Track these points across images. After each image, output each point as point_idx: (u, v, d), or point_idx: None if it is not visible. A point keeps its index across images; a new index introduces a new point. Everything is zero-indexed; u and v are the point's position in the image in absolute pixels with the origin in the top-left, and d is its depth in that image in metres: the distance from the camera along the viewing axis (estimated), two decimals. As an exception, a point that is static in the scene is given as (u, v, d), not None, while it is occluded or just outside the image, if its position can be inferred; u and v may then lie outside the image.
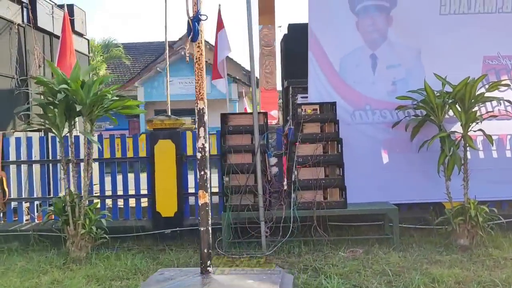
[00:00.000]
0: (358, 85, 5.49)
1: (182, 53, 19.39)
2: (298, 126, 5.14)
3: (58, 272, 4.52)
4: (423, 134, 5.35)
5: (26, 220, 5.94)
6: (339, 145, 5.13)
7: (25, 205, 5.96)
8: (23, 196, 5.91)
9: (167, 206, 5.69)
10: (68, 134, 5.16)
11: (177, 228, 5.69)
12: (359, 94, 5.46)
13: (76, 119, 7.11)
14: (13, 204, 5.92)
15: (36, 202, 6.00)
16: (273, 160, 5.21)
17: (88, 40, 8.71)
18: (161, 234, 5.68)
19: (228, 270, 3.94)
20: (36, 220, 5.92)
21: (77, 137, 5.91)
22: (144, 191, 5.92)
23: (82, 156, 5.79)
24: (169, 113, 7.87)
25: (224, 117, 5.28)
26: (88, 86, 4.90)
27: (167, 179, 5.66)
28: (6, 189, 5.83)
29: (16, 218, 5.94)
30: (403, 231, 5.55)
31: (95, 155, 5.90)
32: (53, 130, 5.01)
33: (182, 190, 5.73)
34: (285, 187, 5.18)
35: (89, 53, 8.76)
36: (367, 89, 5.48)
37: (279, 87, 7.67)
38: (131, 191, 5.96)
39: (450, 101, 5.07)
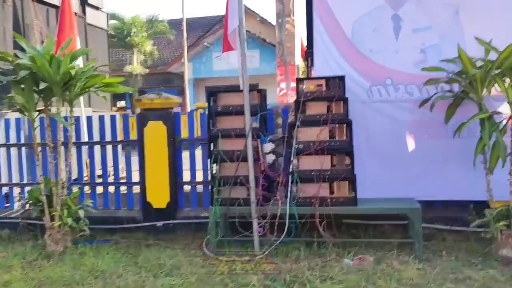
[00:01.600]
0: (377, 55, 4.44)
1: (230, 27, 18.59)
2: (299, 106, 4.26)
3: (21, 270, 4.08)
4: (461, 115, 4.27)
5: (19, 206, 5.61)
6: (349, 129, 4.18)
7: (16, 190, 5.62)
8: (14, 181, 5.56)
9: (158, 196, 5.08)
10: (44, 116, 4.66)
11: (170, 221, 5.08)
12: (378, 66, 4.43)
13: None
14: (5, 189, 5.60)
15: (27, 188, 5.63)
16: (269, 146, 4.37)
17: (106, 14, 8.20)
18: (152, 227, 5.10)
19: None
20: (27, 206, 5.56)
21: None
22: (136, 174, 5.31)
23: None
24: (187, 92, 7.21)
25: (212, 95, 4.50)
26: (57, 62, 4.32)
27: (158, 166, 5.03)
28: (-4, 174, 5.52)
29: (9, 204, 5.63)
30: (435, 234, 4.55)
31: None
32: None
33: (175, 178, 5.08)
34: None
35: (107, 27, 8.25)
36: (388, 59, 4.43)
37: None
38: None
39: (495, 72, 3.93)
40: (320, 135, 4.19)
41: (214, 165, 4.47)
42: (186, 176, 5.26)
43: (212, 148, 4.46)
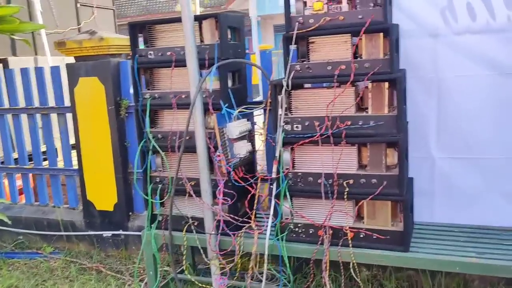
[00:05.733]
0: None
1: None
2: (289, 44, 2.10)
3: None
4: None
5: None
6: (398, 91, 1.96)
7: None
8: None
9: (102, 193, 3.30)
10: None
11: (120, 232, 3.29)
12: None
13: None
14: None
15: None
16: (238, 127, 2.29)
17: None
18: (98, 236, 3.37)
19: None
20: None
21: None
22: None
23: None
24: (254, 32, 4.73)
25: (141, 30, 2.45)
26: None
27: (98, 147, 3.21)
28: None
29: None
30: None
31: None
32: None
33: (125, 167, 3.23)
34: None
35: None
36: None
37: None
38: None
39: None
40: (334, 105, 2.03)
41: (149, 155, 2.53)
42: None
43: (147, 126, 2.50)
